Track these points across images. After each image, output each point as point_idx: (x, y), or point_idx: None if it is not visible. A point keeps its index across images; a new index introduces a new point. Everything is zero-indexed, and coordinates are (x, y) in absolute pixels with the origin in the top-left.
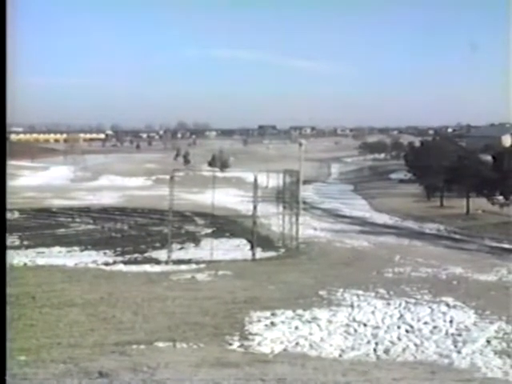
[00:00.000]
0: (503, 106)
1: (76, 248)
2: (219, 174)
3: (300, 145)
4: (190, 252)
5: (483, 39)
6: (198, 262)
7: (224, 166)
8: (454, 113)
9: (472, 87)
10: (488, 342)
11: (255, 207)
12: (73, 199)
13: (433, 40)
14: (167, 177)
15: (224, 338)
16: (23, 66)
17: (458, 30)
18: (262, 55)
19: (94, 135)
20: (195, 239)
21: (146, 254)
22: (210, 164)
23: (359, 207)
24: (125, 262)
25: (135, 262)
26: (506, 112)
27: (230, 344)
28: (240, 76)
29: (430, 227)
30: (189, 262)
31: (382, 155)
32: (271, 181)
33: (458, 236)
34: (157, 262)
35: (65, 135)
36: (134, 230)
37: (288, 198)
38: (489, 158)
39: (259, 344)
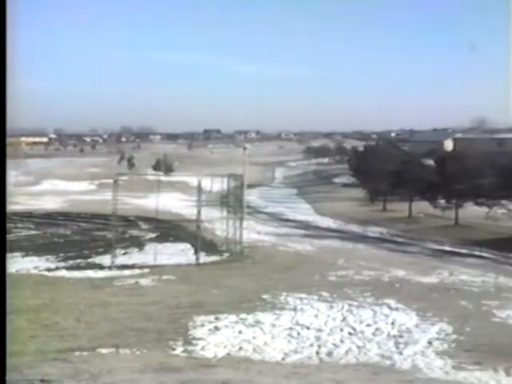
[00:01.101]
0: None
1: (17, 254)
2: (163, 178)
3: (244, 149)
4: (134, 257)
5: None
6: (141, 267)
7: (168, 170)
8: (398, 118)
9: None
10: (429, 343)
11: (199, 211)
12: (15, 204)
13: (384, 43)
14: (111, 181)
15: (167, 343)
16: None
17: (412, 33)
18: (207, 58)
19: (37, 139)
20: (139, 244)
21: (89, 260)
22: (155, 168)
23: (303, 211)
24: (67, 268)
25: (78, 267)
26: (448, 117)
27: (174, 349)
28: (185, 79)
29: (373, 230)
30: (132, 267)
31: (326, 159)
32: (215, 185)
33: (400, 239)
34: (100, 267)
35: None
36: (77, 235)
37: (232, 202)
38: (431, 162)
39: (203, 349)
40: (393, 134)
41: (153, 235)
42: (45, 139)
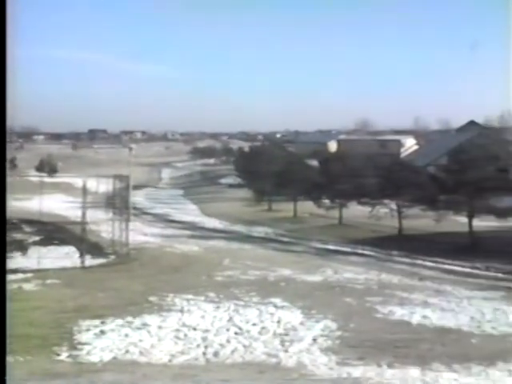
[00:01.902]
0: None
1: None
2: (47, 180)
3: (130, 149)
4: (17, 261)
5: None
6: (25, 272)
7: (52, 170)
8: (284, 119)
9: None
10: (314, 340)
11: (84, 213)
12: None
13: (265, 41)
14: None
15: (52, 348)
16: None
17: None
18: (90, 55)
19: None
20: (22, 247)
21: None
22: (38, 169)
23: (190, 212)
24: None
25: None
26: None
27: (58, 355)
28: (69, 77)
29: (258, 231)
30: (15, 271)
31: (213, 160)
32: (101, 186)
33: (285, 239)
34: None
35: None
36: None
37: (118, 203)
38: (315, 162)
39: (88, 353)
40: (278, 135)
41: (36, 238)
42: None
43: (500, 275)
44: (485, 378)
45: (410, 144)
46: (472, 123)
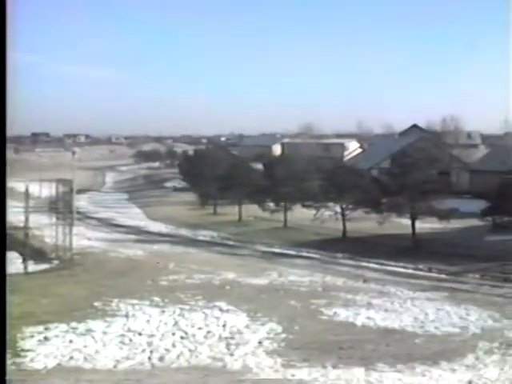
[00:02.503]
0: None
1: None
2: None
3: (73, 153)
4: None
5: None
6: None
7: None
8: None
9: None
10: (260, 343)
11: (27, 218)
12: None
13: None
14: None
15: None
16: None
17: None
18: (32, 57)
19: None
20: None
21: None
22: None
23: (134, 216)
24: None
25: None
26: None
27: None
28: (10, 80)
29: (203, 234)
30: None
31: (157, 164)
32: (44, 190)
33: (231, 242)
34: None
35: None
36: None
37: (61, 208)
38: (260, 166)
39: (32, 360)
40: (223, 139)
41: None
42: None
43: (443, 276)
44: (428, 378)
45: (353, 147)
46: (415, 127)
